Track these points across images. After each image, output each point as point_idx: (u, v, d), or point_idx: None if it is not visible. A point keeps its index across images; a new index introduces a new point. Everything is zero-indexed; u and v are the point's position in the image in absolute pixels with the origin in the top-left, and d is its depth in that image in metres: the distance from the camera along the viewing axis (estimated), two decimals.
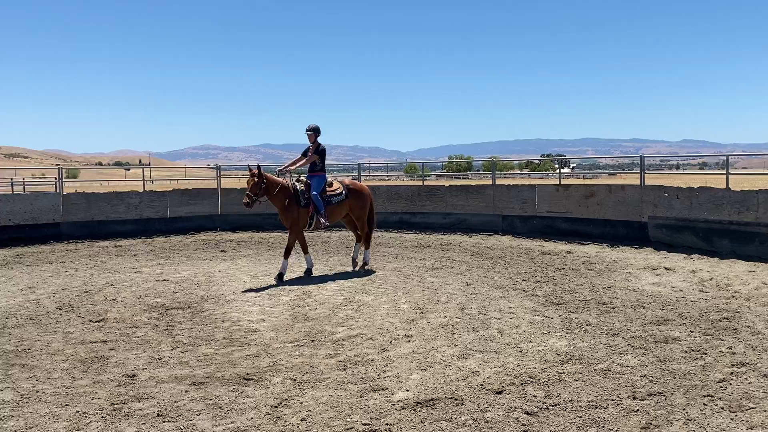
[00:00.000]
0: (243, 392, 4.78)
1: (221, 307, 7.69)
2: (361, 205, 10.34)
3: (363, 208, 10.37)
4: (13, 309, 7.72)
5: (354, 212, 10.35)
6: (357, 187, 10.51)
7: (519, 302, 7.64)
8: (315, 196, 9.71)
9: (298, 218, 9.57)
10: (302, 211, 9.62)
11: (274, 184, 9.49)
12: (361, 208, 10.34)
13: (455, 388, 4.78)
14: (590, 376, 4.96)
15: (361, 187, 10.58)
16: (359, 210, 10.34)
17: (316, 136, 10.02)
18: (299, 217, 9.60)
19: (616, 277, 9.12)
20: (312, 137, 10.03)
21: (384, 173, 51.60)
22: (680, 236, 11.62)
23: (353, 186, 10.45)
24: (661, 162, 66.28)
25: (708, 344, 5.73)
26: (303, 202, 9.64)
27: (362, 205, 10.35)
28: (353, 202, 10.27)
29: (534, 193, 14.39)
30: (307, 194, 9.72)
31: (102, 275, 10.09)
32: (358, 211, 10.34)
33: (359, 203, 10.33)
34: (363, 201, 10.37)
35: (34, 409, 4.50)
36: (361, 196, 10.36)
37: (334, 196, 10.02)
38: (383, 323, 6.74)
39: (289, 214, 9.53)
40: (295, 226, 9.59)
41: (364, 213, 10.39)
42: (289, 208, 9.52)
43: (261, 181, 9.29)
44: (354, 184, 10.57)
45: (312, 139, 10.04)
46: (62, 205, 14.95)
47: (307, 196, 9.70)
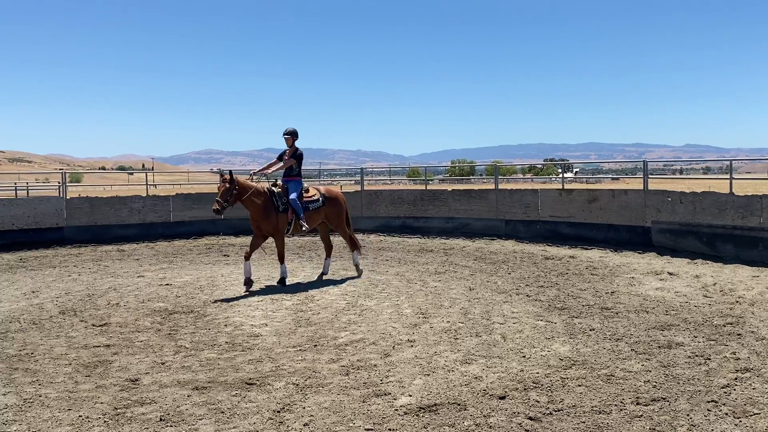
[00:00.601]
0: (245, 397, 4.77)
1: (224, 312, 7.69)
2: (337, 212, 10.17)
3: (339, 216, 10.20)
4: (16, 313, 7.73)
5: (331, 220, 10.15)
6: (333, 194, 10.32)
7: (522, 307, 7.62)
8: (294, 200, 9.43)
9: (278, 223, 9.31)
10: (281, 216, 9.35)
11: (246, 189, 9.11)
12: (337, 216, 10.18)
13: (458, 393, 4.77)
14: (594, 382, 4.94)
15: (337, 195, 10.42)
16: (336, 218, 10.17)
17: (293, 139, 9.74)
18: (279, 222, 9.33)
19: (620, 282, 9.10)
20: (289, 141, 9.73)
21: (387, 178, 51.62)
22: (684, 241, 11.60)
23: (329, 193, 10.25)
24: (665, 167, 66.16)
25: (712, 349, 5.71)
26: (281, 207, 9.36)
27: (338, 213, 10.19)
28: (329, 210, 10.06)
29: (537, 197, 14.38)
30: (285, 199, 9.42)
31: (105, 279, 10.10)
32: (335, 219, 10.17)
33: (335, 210, 10.15)
34: (339, 208, 10.21)
35: (37, 414, 4.50)
36: (337, 204, 10.19)
37: (311, 202, 9.79)
38: (386, 328, 6.73)
39: (269, 219, 9.24)
40: (279, 232, 9.35)
41: (341, 220, 10.24)
42: (267, 214, 9.22)
43: (233, 187, 8.90)
44: (330, 191, 10.37)
45: (289, 142, 9.74)
46: (65, 210, 14.98)
47: (285, 201, 9.41)
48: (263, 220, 9.23)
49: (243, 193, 9.02)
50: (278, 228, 9.32)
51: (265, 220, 9.23)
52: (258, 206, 9.16)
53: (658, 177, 20.10)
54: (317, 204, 9.85)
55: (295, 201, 9.43)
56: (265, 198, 9.26)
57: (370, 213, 16.51)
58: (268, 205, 9.25)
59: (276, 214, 9.29)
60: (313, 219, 9.81)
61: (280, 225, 9.32)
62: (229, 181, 8.89)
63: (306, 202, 9.68)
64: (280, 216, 9.32)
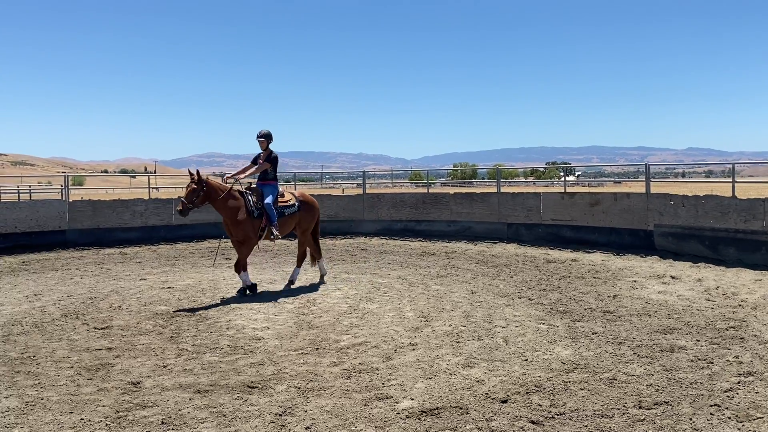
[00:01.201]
0: (247, 400, 4.77)
1: (226, 315, 7.70)
2: (310, 218, 9.81)
3: (311, 222, 9.84)
4: (18, 316, 7.74)
5: (302, 225, 9.73)
6: (308, 199, 9.91)
7: (524, 310, 7.61)
8: (269, 205, 9.02)
9: (252, 230, 8.87)
10: (254, 222, 8.90)
11: (217, 191, 8.67)
12: (309, 222, 9.81)
13: (460, 396, 4.76)
14: (596, 385, 4.93)
15: (312, 200, 10.00)
16: (307, 223, 9.80)
17: (268, 142, 9.37)
18: (251, 228, 8.88)
19: (622, 286, 9.09)
20: (264, 144, 9.35)
21: (389, 181, 51.68)
22: (686, 244, 11.58)
23: (305, 198, 9.84)
24: (667, 170, 66.16)
25: (715, 353, 5.70)
26: (256, 212, 8.92)
27: (311, 218, 9.83)
28: (303, 216, 9.69)
29: (539, 200, 14.37)
30: (260, 204, 9.02)
31: (107, 283, 10.11)
32: (305, 225, 9.77)
33: (309, 216, 9.79)
34: (313, 214, 9.85)
35: (39, 417, 4.50)
36: (311, 210, 9.83)
37: (286, 207, 9.39)
38: (388, 331, 6.73)
39: (243, 226, 8.76)
40: (249, 239, 8.90)
41: (310, 227, 9.87)
42: (240, 219, 8.75)
43: (200, 187, 8.47)
44: (304, 195, 9.96)
45: (264, 145, 9.36)
46: (68, 213, 15.01)
47: (260, 206, 8.99)
48: (234, 225, 8.77)
49: (214, 195, 8.61)
50: (249, 234, 8.87)
51: (236, 225, 8.78)
52: (230, 210, 8.73)
53: (660, 180, 20.10)
54: (293, 209, 9.50)
55: (270, 206, 9.05)
56: (238, 202, 8.84)
57: (372, 216, 16.52)
58: (242, 210, 8.82)
59: (250, 219, 8.86)
60: (287, 225, 9.44)
61: (251, 231, 8.89)
62: (197, 181, 8.49)
63: (281, 207, 9.32)
64: (253, 222, 8.90)
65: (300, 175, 22.98)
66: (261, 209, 8.99)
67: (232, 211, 8.71)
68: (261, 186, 9.28)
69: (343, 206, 16.80)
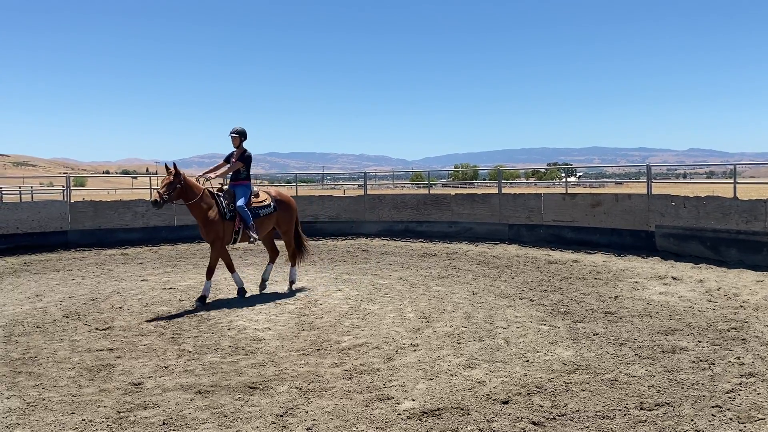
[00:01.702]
0: (248, 401, 4.77)
1: (227, 316, 7.70)
2: (288, 218, 9.47)
3: (290, 222, 9.52)
4: (20, 317, 7.75)
5: (281, 226, 9.42)
6: (285, 198, 9.56)
7: (525, 311, 7.61)
8: (242, 207, 8.67)
9: (222, 232, 8.51)
10: (227, 224, 8.56)
11: (194, 189, 8.36)
12: (288, 222, 9.48)
13: (461, 397, 4.76)
14: (597, 386, 4.93)
15: (289, 199, 9.65)
16: (286, 224, 9.46)
17: (241, 139, 8.98)
18: (224, 232, 8.53)
19: (623, 287, 9.08)
20: (236, 141, 8.95)
21: (390, 182, 51.69)
22: (687, 245, 11.57)
23: (281, 197, 9.48)
24: (668, 171, 66.16)
25: (716, 354, 5.69)
26: (229, 214, 8.58)
27: (289, 219, 9.50)
28: (281, 215, 9.34)
29: (540, 201, 14.37)
30: (232, 205, 8.68)
31: (108, 283, 10.12)
32: (285, 225, 9.45)
33: (287, 216, 9.45)
34: (290, 214, 9.51)
35: (40, 417, 4.50)
36: (288, 209, 9.48)
37: (261, 207, 9.02)
38: (389, 332, 6.73)
39: (213, 227, 8.41)
40: (219, 242, 8.53)
41: (291, 227, 9.56)
42: (212, 221, 8.40)
43: (177, 181, 8.15)
44: (281, 195, 9.59)
45: (236, 142, 8.96)
46: (69, 214, 15.02)
47: (232, 208, 8.65)
48: (206, 227, 8.43)
49: (190, 195, 8.30)
50: (220, 237, 8.51)
51: (208, 228, 8.42)
52: (203, 211, 8.38)
53: (661, 181, 20.08)
54: (269, 210, 9.14)
55: (243, 208, 8.68)
56: (211, 202, 8.49)
57: (373, 217, 16.52)
58: (214, 211, 8.46)
59: (222, 221, 8.50)
60: (264, 226, 9.11)
61: (223, 234, 8.54)
62: (174, 174, 8.17)
63: (256, 208, 8.94)
64: (225, 224, 8.55)
65: (301, 176, 23.01)
66: (234, 211, 8.67)
67: (204, 212, 8.39)
68: (233, 187, 8.95)
69: (344, 207, 16.80)
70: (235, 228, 8.65)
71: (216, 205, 8.51)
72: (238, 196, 8.79)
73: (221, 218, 8.50)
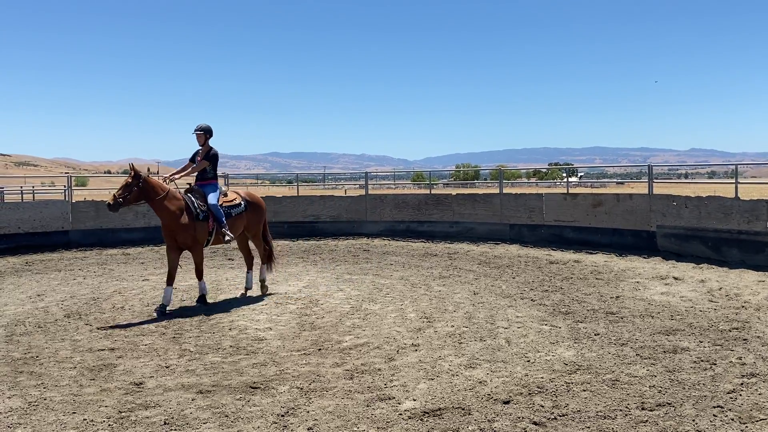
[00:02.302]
0: (250, 401, 4.77)
1: (228, 316, 7.70)
2: (258, 219, 9.18)
3: (259, 223, 9.24)
4: (21, 316, 7.75)
5: (251, 228, 9.11)
6: (255, 198, 9.25)
7: (527, 311, 7.61)
8: (215, 205, 8.34)
9: (197, 233, 8.14)
10: (200, 224, 8.19)
11: (157, 189, 7.91)
12: (257, 223, 9.19)
13: (462, 397, 4.76)
14: (598, 387, 4.93)
15: (259, 199, 9.34)
16: (256, 225, 9.18)
17: (206, 137, 8.60)
18: (198, 232, 8.17)
19: (625, 287, 9.08)
20: (202, 138, 8.58)
21: (391, 182, 51.70)
22: (689, 245, 11.56)
23: (251, 197, 9.18)
24: (670, 171, 66.13)
25: (717, 354, 5.69)
26: (201, 214, 8.20)
27: (259, 220, 9.21)
28: (251, 216, 9.03)
29: (542, 201, 14.36)
30: (204, 205, 8.29)
31: (110, 283, 10.13)
32: (255, 227, 9.17)
33: (257, 217, 9.16)
34: (260, 215, 9.22)
35: (42, 417, 4.51)
36: (258, 209, 9.18)
37: (232, 207, 8.70)
38: (390, 332, 6.73)
39: (187, 229, 8.02)
40: (198, 244, 8.22)
41: (260, 229, 9.28)
42: (184, 223, 8.00)
43: (135, 183, 7.76)
44: (251, 195, 9.30)
45: (201, 140, 8.59)
46: (71, 213, 15.04)
47: (204, 208, 8.26)
48: (179, 229, 8.00)
49: (151, 195, 7.87)
50: (197, 239, 8.17)
51: (181, 230, 8.01)
52: (172, 213, 7.95)
53: (663, 181, 20.07)
54: (239, 209, 8.82)
55: (216, 206, 8.36)
56: (179, 203, 8.08)
57: (374, 217, 16.52)
58: (185, 212, 8.06)
59: (194, 222, 8.12)
60: (236, 227, 8.74)
61: (199, 235, 8.18)
62: (133, 176, 7.79)
63: (227, 208, 8.61)
64: (199, 224, 8.17)
65: (303, 176, 23.02)
66: (206, 211, 8.29)
67: (173, 214, 7.95)
68: (200, 186, 8.56)
69: (345, 207, 16.80)
70: (209, 228, 8.31)
71: (186, 206, 8.11)
72: (207, 194, 8.43)
73: (193, 219, 8.11)
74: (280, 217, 16.43)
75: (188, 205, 8.15)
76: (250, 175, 57.53)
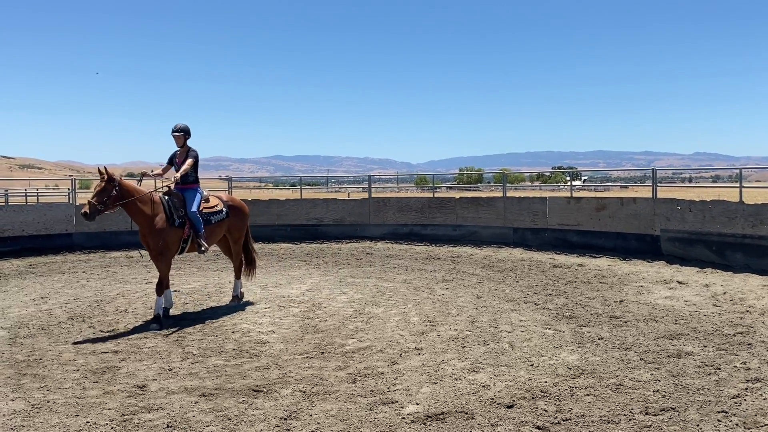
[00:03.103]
0: (252, 404, 4.77)
1: (231, 319, 7.70)
2: (240, 225, 8.73)
3: (242, 230, 8.78)
4: (25, 319, 7.77)
5: (232, 234, 8.66)
6: (237, 204, 8.84)
7: (530, 315, 7.59)
8: (194, 213, 7.85)
9: (169, 240, 7.62)
10: (175, 231, 7.66)
11: (130, 192, 7.41)
12: (239, 230, 8.73)
13: (466, 401, 4.75)
14: (602, 391, 4.91)
15: (242, 205, 8.92)
16: (238, 231, 8.72)
17: (185, 138, 8.12)
18: (170, 239, 7.64)
19: (629, 291, 9.05)
20: (181, 140, 8.09)
21: (395, 185, 51.72)
22: (693, 250, 11.53)
23: (233, 202, 8.76)
24: (674, 175, 65.99)
25: (722, 359, 5.67)
26: (178, 220, 7.70)
27: (241, 226, 8.76)
28: (233, 222, 8.59)
29: (545, 205, 14.34)
30: (182, 211, 7.80)
31: (113, 286, 10.14)
32: (237, 233, 8.70)
33: (239, 223, 8.71)
34: (243, 221, 8.77)
35: (45, 420, 4.51)
36: (241, 215, 8.76)
37: (213, 214, 8.23)
38: (393, 336, 6.72)
39: (160, 235, 7.50)
40: (168, 251, 7.66)
41: (242, 235, 8.82)
42: (159, 228, 7.49)
43: (112, 187, 7.22)
44: (233, 200, 8.86)
45: (180, 141, 8.09)
46: (75, 216, 15.06)
47: (182, 214, 7.77)
48: (152, 234, 7.49)
49: (126, 196, 7.37)
50: (168, 246, 7.64)
51: (153, 235, 7.48)
52: (147, 217, 7.44)
53: (667, 185, 20.03)
54: (220, 216, 8.36)
55: (195, 215, 7.87)
56: (155, 207, 7.56)
57: (377, 220, 16.52)
58: (161, 217, 7.55)
59: (169, 228, 7.61)
60: (215, 234, 8.31)
61: (171, 242, 7.67)
62: (108, 179, 7.25)
63: (207, 215, 8.14)
64: (173, 231, 7.66)
65: (306, 179, 23.02)
66: (183, 217, 7.80)
67: (149, 219, 7.47)
68: (181, 190, 8.03)
69: (348, 210, 16.81)
70: (184, 236, 7.81)
71: (163, 211, 7.63)
72: (188, 200, 7.93)
73: (169, 225, 7.63)
74: (284, 220, 16.45)
75: (165, 209, 7.65)
76: (254, 178, 57.75)
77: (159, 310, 7.49)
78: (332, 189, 47.90)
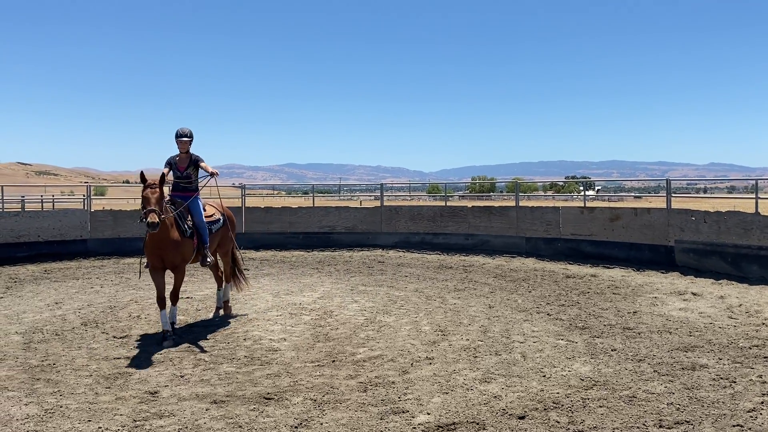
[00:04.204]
0: (263, 412, 4.77)
1: (243, 326, 7.72)
2: (231, 235, 8.50)
3: (232, 240, 8.53)
4: (39, 324, 7.83)
5: (224, 244, 8.42)
6: (228, 213, 8.62)
7: (543, 326, 7.54)
8: (202, 224, 7.58)
9: (185, 252, 7.30)
10: (188, 242, 7.33)
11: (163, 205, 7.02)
12: (230, 240, 8.49)
13: (477, 412, 4.72)
14: (615, 403, 4.86)
15: (230, 213, 8.71)
16: (228, 241, 8.46)
17: (190, 143, 7.84)
18: (186, 251, 7.32)
19: (642, 302, 8.97)
20: (187, 146, 7.77)
21: (407, 194, 51.72)
22: (708, 261, 11.42)
23: (225, 212, 8.52)
24: (688, 185, 65.52)
25: (737, 372, 5.59)
26: (189, 231, 7.36)
27: (232, 236, 8.53)
28: (225, 231, 8.34)
29: (558, 215, 14.27)
30: (190, 221, 7.49)
31: (127, 292, 10.21)
32: (227, 243, 8.46)
33: (230, 233, 8.47)
34: (233, 230, 8.55)
35: (58, 425, 4.54)
36: (232, 225, 8.55)
37: (212, 223, 7.94)
38: (404, 345, 6.70)
39: (177, 247, 7.11)
40: (185, 263, 7.36)
41: (231, 245, 8.57)
42: (177, 240, 7.11)
43: (162, 193, 6.82)
44: (224, 209, 8.60)
45: (186, 147, 7.77)
46: (89, 222, 15.19)
47: (191, 224, 7.46)
48: (169, 248, 7.06)
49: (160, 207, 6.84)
50: (185, 258, 7.34)
51: (171, 249, 7.07)
52: (165, 227, 6.94)
53: (681, 196, 19.88)
54: (219, 225, 8.12)
55: (203, 225, 7.61)
56: (170, 218, 7.12)
57: (389, 229, 16.51)
58: (173, 228, 7.15)
59: (183, 240, 7.24)
60: (213, 244, 8.01)
61: (187, 255, 7.35)
62: (160, 180, 6.86)
63: (209, 224, 7.84)
64: (187, 242, 7.32)
65: (318, 187, 23.09)
66: (192, 228, 7.47)
67: (165, 229, 6.96)
68: (182, 198, 7.62)
69: (360, 218, 16.81)
70: (194, 247, 7.49)
71: (175, 221, 7.21)
72: (193, 209, 7.61)
73: (182, 236, 7.25)
74: (296, 228, 16.48)
75: (177, 221, 7.27)
76: (267, 186, 57.73)
77: (167, 326, 7.07)
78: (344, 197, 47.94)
